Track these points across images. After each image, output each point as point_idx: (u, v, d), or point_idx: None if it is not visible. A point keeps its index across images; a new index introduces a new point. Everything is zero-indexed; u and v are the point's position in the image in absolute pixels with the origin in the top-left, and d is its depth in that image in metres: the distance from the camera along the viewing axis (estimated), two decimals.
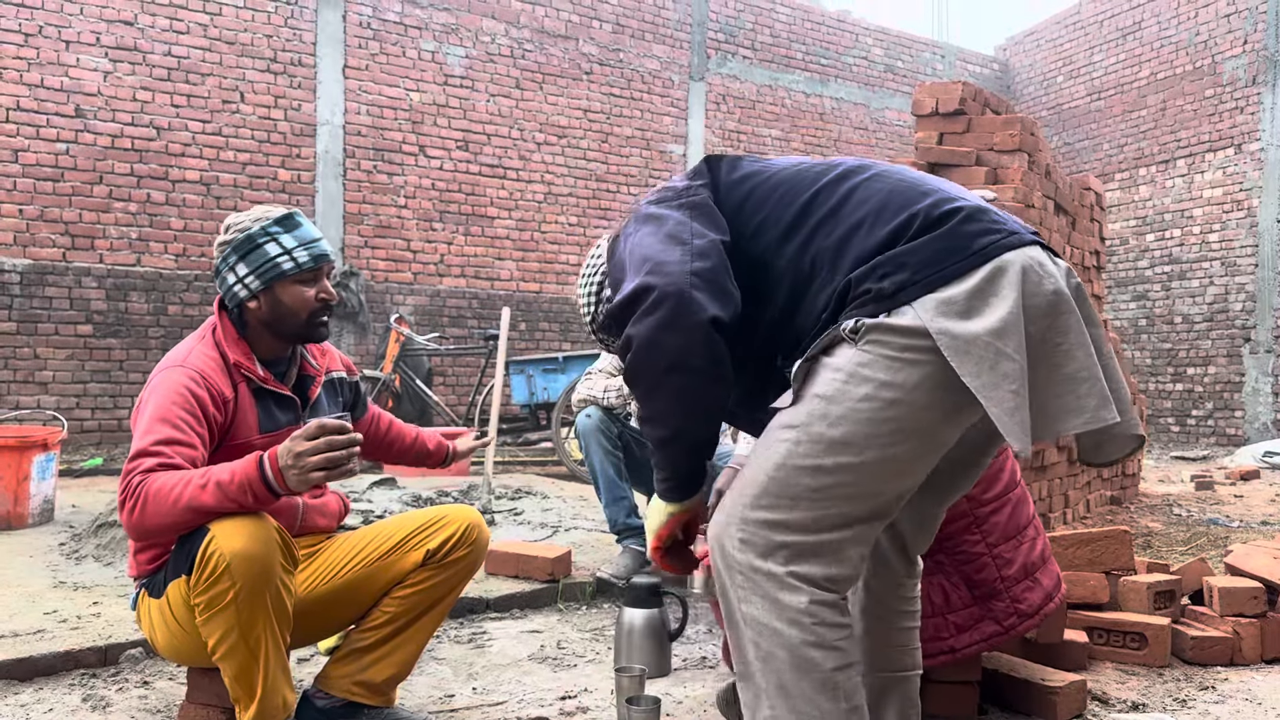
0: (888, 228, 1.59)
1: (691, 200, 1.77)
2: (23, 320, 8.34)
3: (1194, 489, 7.27)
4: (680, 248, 1.66)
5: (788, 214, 1.71)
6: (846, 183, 1.70)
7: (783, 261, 1.69)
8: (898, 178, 1.70)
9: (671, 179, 1.92)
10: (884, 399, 1.51)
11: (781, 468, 1.55)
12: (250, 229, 2.20)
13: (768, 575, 1.55)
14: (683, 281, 1.60)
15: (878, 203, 1.64)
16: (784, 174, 1.78)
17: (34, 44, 8.44)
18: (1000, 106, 4.96)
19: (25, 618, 3.15)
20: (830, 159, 1.81)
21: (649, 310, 1.60)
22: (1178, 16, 12.61)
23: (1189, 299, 12.36)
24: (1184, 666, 2.90)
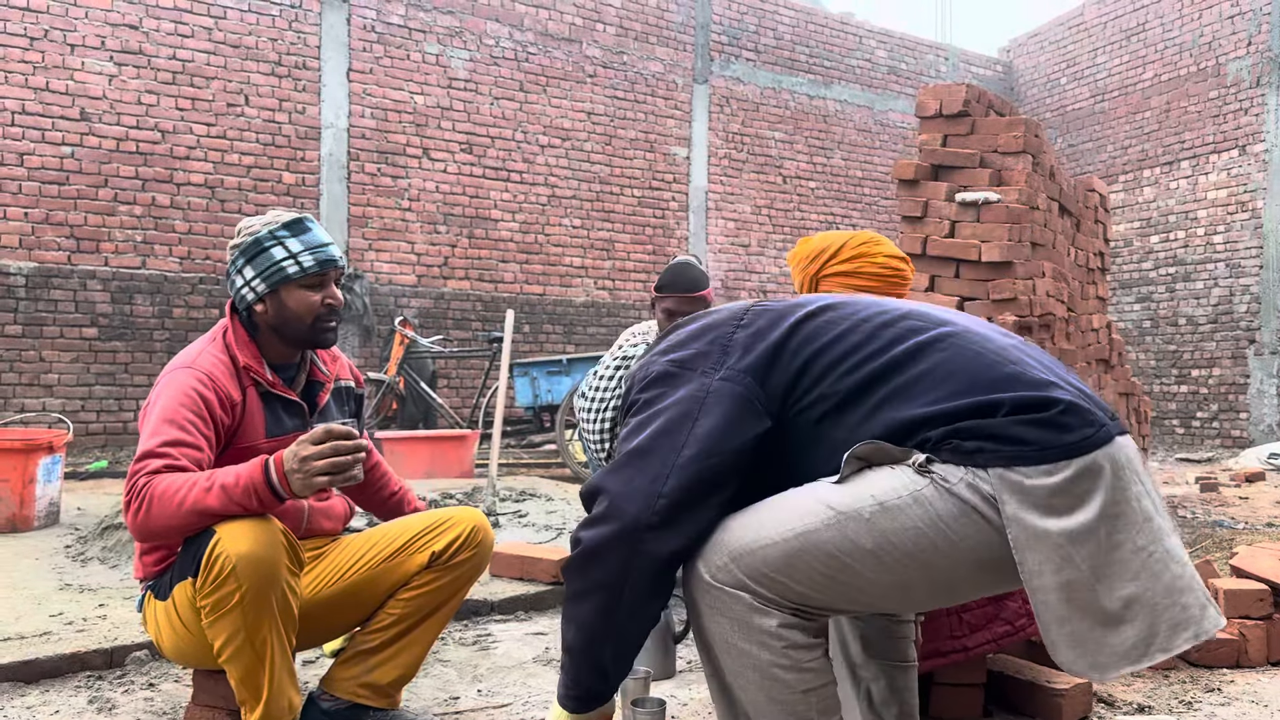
0: (970, 401, 1.49)
1: (720, 381, 1.62)
2: (28, 323, 8.36)
3: (1199, 491, 7.25)
4: (664, 455, 1.56)
5: (848, 383, 1.58)
6: (925, 358, 1.56)
7: (841, 432, 1.57)
8: (979, 347, 1.57)
9: (713, 316, 1.75)
10: (930, 540, 1.46)
11: (803, 538, 1.50)
12: (258, 233, 2.21)
13: (736, 598, 1.53)
14: (643, 511, 1.53)
15: (962, 381, 1.52)
16: (847, 339, 1.62)
17: (39, 48, 8.47)
18: (1004, 108, 4.96)
19: (31, 620, 3.15)
20: (901, 316, 1.63)
21: (600, 520, 1.57)
22: (1181, 18, 12.60)
23: (1193, 301, 12.34)
24: (1189, 669, 2.90)
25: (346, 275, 9.54)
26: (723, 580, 1.52)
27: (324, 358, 2.41)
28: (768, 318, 1.68)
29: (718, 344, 1.66)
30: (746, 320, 1.69)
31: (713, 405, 1.59)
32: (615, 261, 11.47)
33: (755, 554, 1.51)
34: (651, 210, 11.74)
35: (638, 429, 1.62)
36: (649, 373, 1.69)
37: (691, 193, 12.04)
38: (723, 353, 1.65)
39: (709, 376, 1.62)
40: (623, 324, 11.26)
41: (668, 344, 1.74)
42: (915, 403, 1.51)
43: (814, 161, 13.04)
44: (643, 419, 1.63)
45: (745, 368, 1.62)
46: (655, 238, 11.76)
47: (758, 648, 1.51)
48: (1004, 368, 1.52)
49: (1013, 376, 1.50)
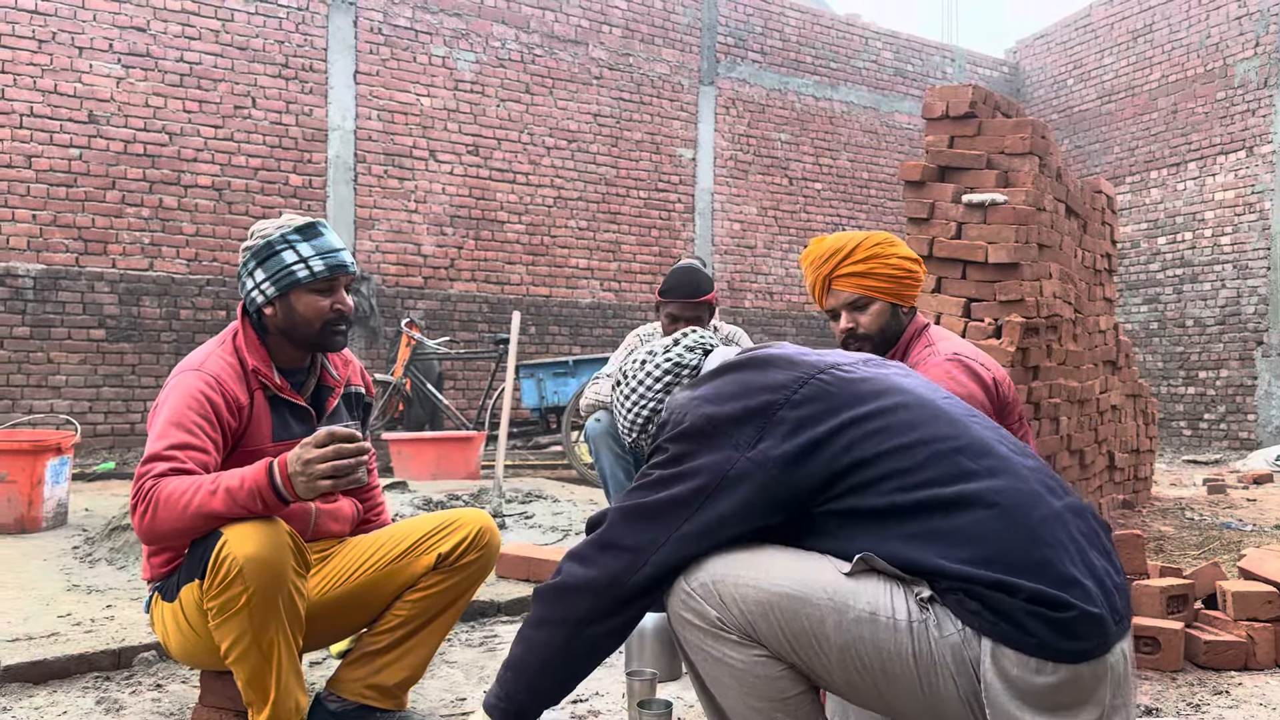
0: (994, 576, 1.46)
1: (748, 461, 1.57)
2: (36, 325, 8.39)
3: (1206, 493, 7.23)
4: (666, 524, 1.57)
5: (883, 503, 1.54)
6: (967, 510, 1.51)
7: (860, 540, 1.55)
8: (1026, 512, 1.52)
9: (769, 374, 1.67)
10: (899, 669, 1.48)
11: (788, 600, 1.51)
12: (270, 236, 2.22)
13: (704, 612, 1.57)
14: (625, 572, 1.57)
15: (994, 549, 1.49)
16: (895, 460, 1.56)
17: (47, 50, 8.50)
18: (1011, 110, 4.96)
19: (39, 620, 3.17)
20: (955, 449, 1.57)
21: (585, 562, 1.61)
22: (1189, 19, 12.58)
23: (1200, 302, 12.31)
24: (1198, 671, 2.89)
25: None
26: (700, 594, 1.56)
27: (335, 362, 2.41)
28: (821, 404, 1.61)
29: (761, 414, 1.60)
30: (799, 397, 1.61)
31: (730, 487, 1.57)
32: (621, 263, 11.48)
33: (738, 588, 1.54)
34: (657, 212, 11.74)
35: (655, 485, 1.62)
36: (683, 421, 1.65)
37: (697, 194, 12.05)
38: (762, 427, 1.59)
39: (739, 452, 1.58)
40: (628, 325, 11.26)
41: (712, 390, 1.68)
42: (944, 552, 1.49)
43: (820, 163, 13.04)
44: (662, 476, 1.62)
45: (779, 456, 1.56)
46: (661, 239, 11.76)
47: (731, 655, 1.55)
48: (1039, 550, 1.48)
49: (1043, 563, 1.47)
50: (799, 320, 12.78)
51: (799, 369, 1.66)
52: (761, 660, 1.53)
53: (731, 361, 1.75)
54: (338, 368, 2.41)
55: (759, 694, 1.53)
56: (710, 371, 1.77)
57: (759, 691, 1.53)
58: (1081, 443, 5.13)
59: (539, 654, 1.62)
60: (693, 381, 1.81)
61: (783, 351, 1.73)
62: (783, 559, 1.57)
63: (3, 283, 8.26)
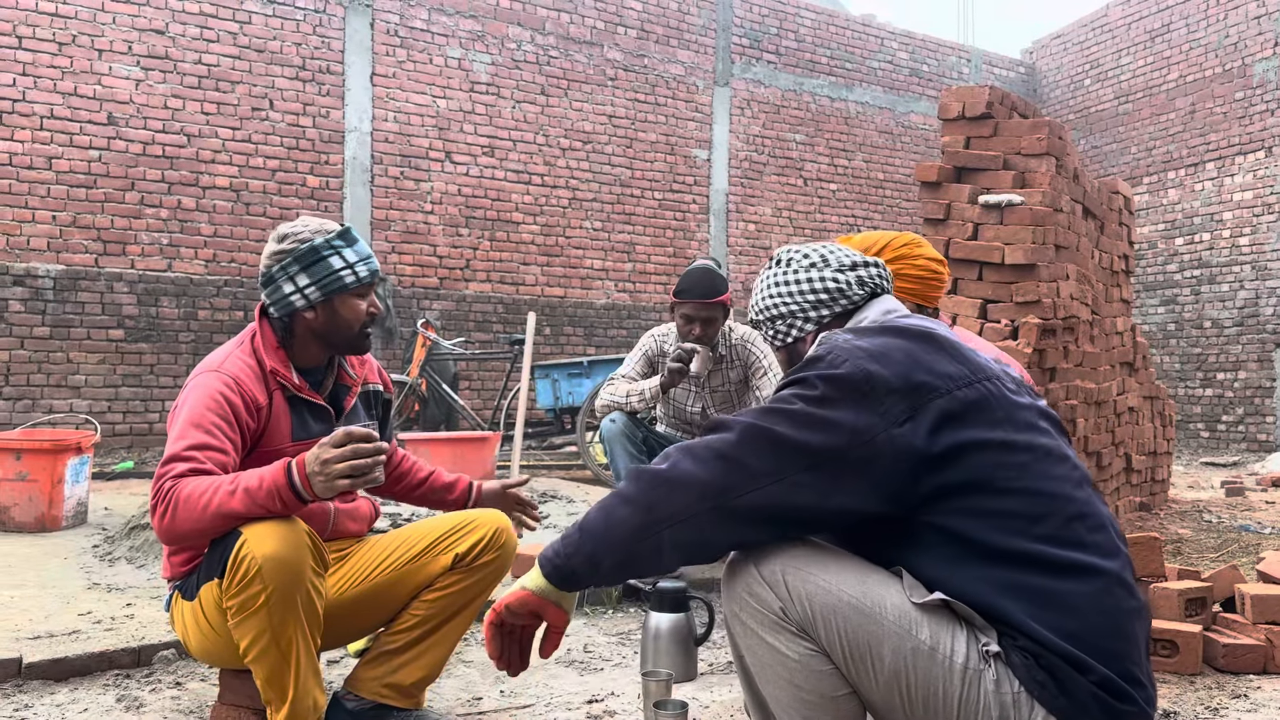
0: (1074, 651, 1.44)
1: (885, 437, 1.50)
2: (56, 325, 8.46)
3: (1224, 495, 7.19)
4: (783, 462, 1.51)
5: (993, 539, 1.50)
6: (1072, 579, 1.48)
7: (953, 565, 1.52)
8: (1125, 598, 1.51)
9: (953, 346, 1.60)
10: (945, 708, 1.48)
11: (852, 610, 1.51)
12: (313, 240, 2.21)
13: (769, 602, 1.56)
14: (727, 493, 1.51)
15: (1082, 625, 1.46)
16: (1021, 499, 1.51)
17: (68, 53, 8.56)
18: (1027, 110, 4.94)
19: (60, 618, 3.19)
20: (1078, 514, 1.52)
21: (699, 460, 1.53)
22: (1207, 19, 12.50)
23: (1218, 303, 12.24)
24: (1216, 674, 2.88)
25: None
26: (768, 582, 1.55)
27: (352, 361, 2.43)
28: (978, 413, 1.53)
29: (918, 393, 1.52)
30: (961, 395, 1.54)
31: (858, 461, 1.50)
32: (636, 264, 11.49)
33: (806, 585, 1.53)
34: (672, 213, 11.75)
35: (793, 419, 1.53)
36: (840, 366, 1.56)
37: (712, 195, 12.04)
38: (914, 408, 1.52)
39: (884, 423, 1.51)
40: (642, 326, 11.27)
41: (879, 347, 1.58)
42: (1033, 611, 1.46)
43: (835, 164, 13.02)
44: (804, 413, 1.53)
45: (920, 446, 1.50)
46: (675, 240, 11.76)
47: (785, 647, 1.54)
48: (1119, 641, 1.47)
49: (1119, 655, 1.47)
50: None
51: (968, 366, 1.58)
52: (815, 655, 1.53)
53: (901, 326, 1.66)
54: (354, 366, 2.43)
55: (808, 688, 1.53)
56: (878, 326, 1.68)
57: (809, 686, 1.53)
58: (1098, 445, 5.11)
59: (613, 530, 1.55)
60: (858, 326, 1.73)
61: (953, 339, 1.64)
62: (855, 567, 1.56)
63: (23, 283, 8.34)
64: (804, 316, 1.84)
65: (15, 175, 8.36)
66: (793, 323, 1.86)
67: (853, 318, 1.81)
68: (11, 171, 8.35)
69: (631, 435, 3.95)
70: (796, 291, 1.85)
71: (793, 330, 1.86)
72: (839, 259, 1.85)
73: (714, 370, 4.16)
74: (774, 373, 4.12)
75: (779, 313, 1.87)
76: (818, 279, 1.84)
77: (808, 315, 1.84)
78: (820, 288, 1.83)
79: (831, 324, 1.83)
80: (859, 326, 1.73)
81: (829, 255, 1.86)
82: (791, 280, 1.86)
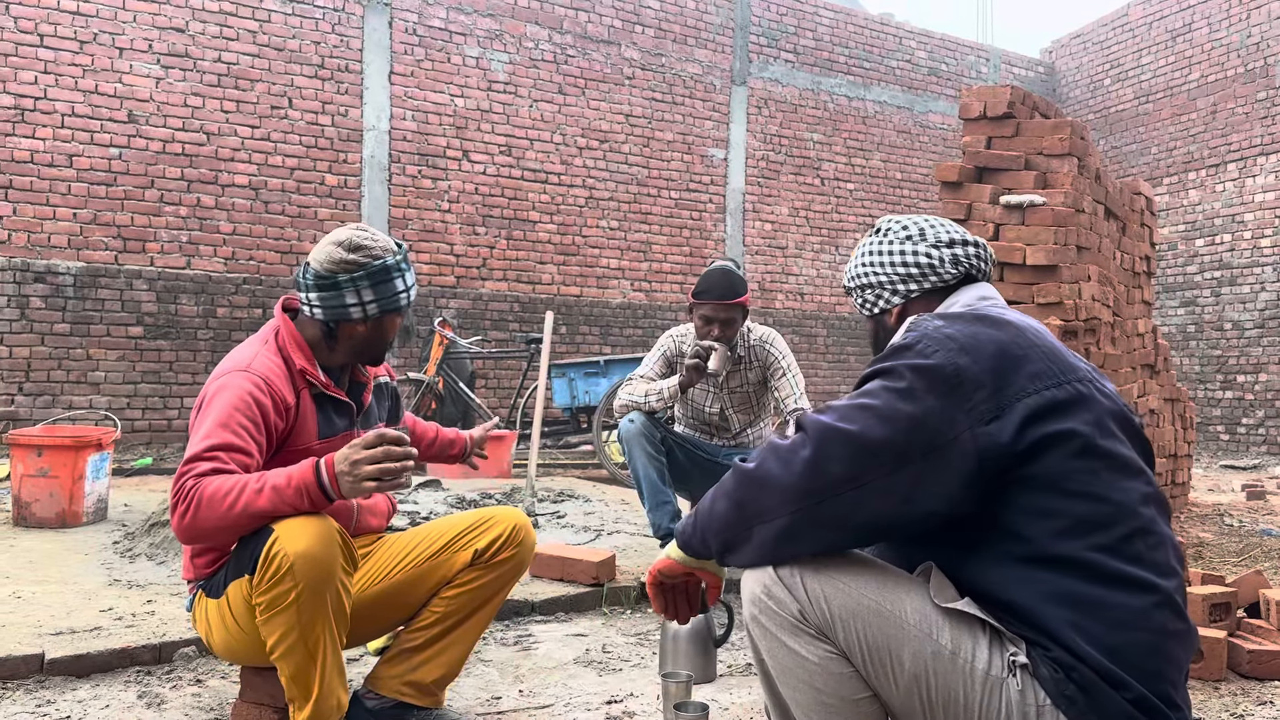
0: (1113, 669, 1.42)
1: (969, 435, 1.46)
2: (75, 321, 8.51)
3: (1245, 499, 7.13)
4: (861, 468, 1.47)
5: (1054, 543, 1.47)
6: (1126, 593, 1.46)
7: (1001, 563, 1.50)
8: (1177, 620, 1.49)
9: (1045, 344, 1.56)
10: (963, 713, 1.47)
11: (873, 615, 1.50)
12: (386, 260, 2.23)
13: (786, 604, 1.55)
14: (806, 498, 1.49)
15: (1127, 641, 1.44)
16: (1087, 505, 1.48)
17: (89, 51, 8.61)
18: (1049, 110, 4.91)
19: (82, 615, 3.21)
20: (1144, 526, 1.50)
21: (785, 461, 1.51)
22: (1229, 18, 12.40)
23: (1239, 305, 12.14)
24: (1241, 681, 2.85)
25: None
26: (786, 584, 1.53)
27: None
28: (1076, 406, 1.50)
29: (1011, 386, 1.48)
30: (1050, 394, 1.50)
31: (941, 460, 1.46)
32: (652, 263, 11.48)
33: (825, 587, 1.52)
34: (688, 212, 11.73)
35: (878, 416, 1.49)
36: (930, 356, 1.51)
37: (729, 194, 12.02)
38: (1004, 403, 1.47)
39: (971, 419, 1.47)
40: (659, 326, 11.26)
41: (970, 339, 1.53)
42: (1079, 621, 1.43)
43: (852, 163, 12.98)
44: (889, 409, 1.49)
45: (1004, 447, 1.46)
46: (692, 240, 11.75)
47: (804, 650, 1.53)
48: (1160, 662, 1.45)
49: (1159, 675, 1.44)
50: (830, 321, 12.73)
51: (1059, 365, 1.54)
52: (834, 658, 1.51)
53: (994, 316, 1.61)
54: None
55: (829, 691, 1.52)
56: (971, 314, 1.63)
57: (829, 689, 1.52)
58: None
59: (714, 521, 1.60)
60: (947, 312, 1.68)
61: (1048, 335, 1.61)
62: (875, 568, 1.55)
63: (44, 280, 8.39)
64: (891, 289, 1.83)
65: (36, 173, 8.41)
66: (880, 293, 1.84)
67: (945, 298, 1.78)
68: (33, 169, 8.40)
69: (650, 435, 3.94)
70: (888, 263, 1.82)
71: (879, 301, 1.85)
72: (937, 234, 1.82)
73: (733, 371, 4.15)
74: (793, 374, 4.10)
75: (868, 282, 1.85)
76: (910, 252, 1.81)
77: (895, 288, 1.82)
78: (911, 261, 1.80)
79: (919, 300, 1.81)
80: (949, 312, 1.68)
81: (927, 229, 1.83)
82: (885, 250, 1.83)
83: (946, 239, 1.80)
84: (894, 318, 1.83)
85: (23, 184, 8.36)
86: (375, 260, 2.22)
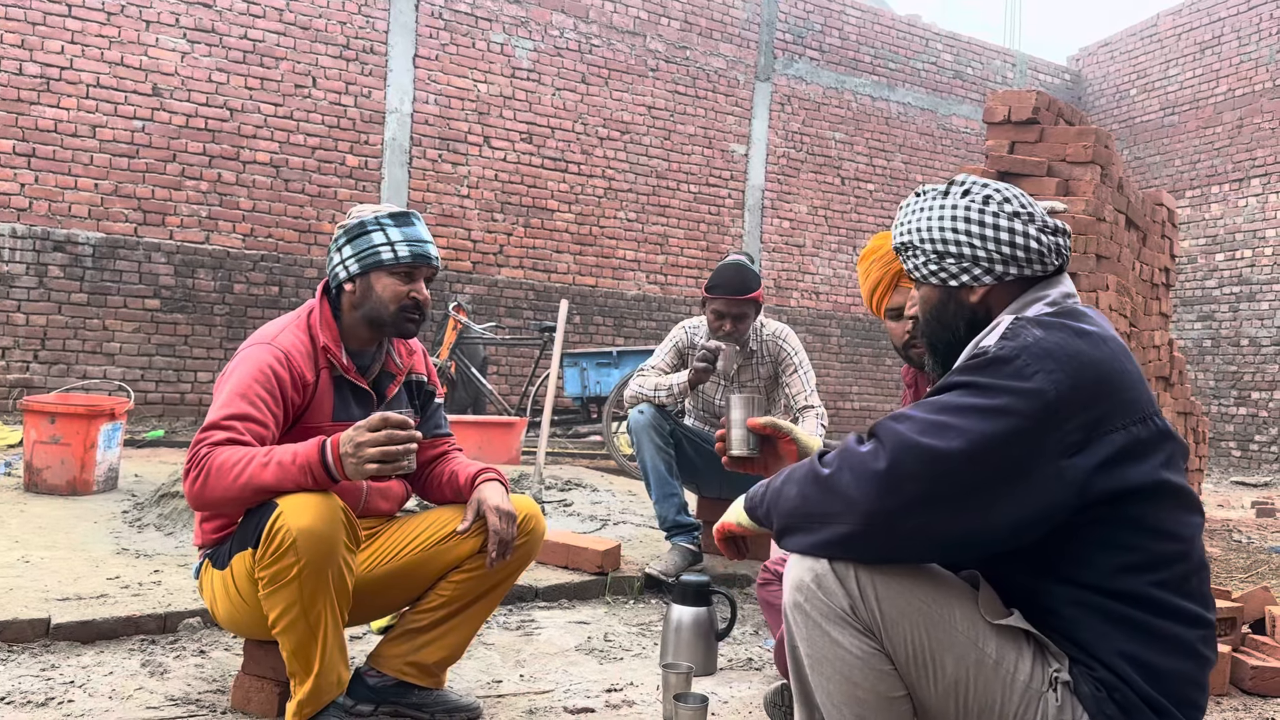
0: (1158, 696, 1.43)
1: (1058, 467, 1.41)
2: (93, 292, 8.55)
3: (1255, 515, 7.09)
4: (941, 493, 1.41)
5: (1114, 579, 1.46)
6: (1175, 639, 1.46)
7: (1061, 585, 1.49)
8: (1212, 644, 1.51)
9: (1129, 374, 1.49)
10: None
11: (922, 616, 1.48)
12: (365, 217, 2.27)
13: (836, 596, 1.53)
14: (878, 528, 1.43)
15: (1171, 667, 1.45)
16: (1151, 549, 1.46)
17: (116, 23, 8.64)
18: (1074, 117, 4.88)
19: (89, 581, 3.23)
20: (1201, 565, 1.50)
21: (861, 478, 1.44)
22: (1259, 32, 12.30)
23: (1257, 321, 12.06)
24: (1243, 696, 2.84)
25: None
26: (840, 576, 1.50)
27: (400, 350, 2.44)
28: (1155, 446, 1.47)
29: (1102, 420, 1.43)
30: (1136, 431, 1.45)
31: (1022, 489, 1.40)
32: (668, 256, 11.47)
33: (877, 585, 1.49)
34: (707, 207, 11.72)
35: (962, 438, 1.40)
36: (1028, 376, 1.42)
37: (748, 190, 12.00)
38: (1088, 438, 1.42)
39: (1059, 449, 1.41)
40: (673, 319, 11.26)
41: (1070, 357, 1.44)
42: (1131, 648, 1.44)
43: (874, 164, 12.93)
44: (974, 430, 1.40)
45: (1084, 482, 1.42)
46: (709, 234, 11.73)
47: (848, 643, 1.51)
48: (1197, 692, 1.47)
49: (1193, 705, 1.47)
50: (845, 321, 12.70)
51: (1143, 397, 1.49)
52: (877, 654, 1.50)
53: (1092, 333, 1.50)
54: (402, 356, 2.44)
55: (866, 685, 1.50)
56: (1067, 326, 1.50)
57: (867, 684, 1.50)
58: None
59: (781, 504, 1.56)
60: (1042, 317, 1.53)
61: (1134, 366, 1.54)
62: (928, 572, 1.52)
63: (63, 249, 8.43)
64: (986, 266, 1.61)
65: (59, 142, 8.45)
66: (969, 267, 1.62)
67: (1032, 288, 1.62)
68: (56, 138, 8.44)
69: (659, 427, 3.94)
70: (991, 236, 1.60)
71: (964, 275, 1.63)
72: (1040, 216, 1.62)
73: (744, 365, 4.15)
74: (804, 370, 4.10)
75: (954, 251, 1.63)
76: (1020, 231, 1.59)
77: (992, 267, 1.61)
78: (1022, 243, 1.60)
79: (1007, 287, 1.63)
80: (1044, 317, 1.53)
81: (1026, 207, 1.62)
82: (988, 222, 1.61)
83: (1050, 226, 1.63)
84: (978, 297, 1.64)
85: (45, 153, 8.41)
86: (354, 220, 2.27)
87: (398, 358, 2.42)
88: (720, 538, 1.79)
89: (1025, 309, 1.59)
